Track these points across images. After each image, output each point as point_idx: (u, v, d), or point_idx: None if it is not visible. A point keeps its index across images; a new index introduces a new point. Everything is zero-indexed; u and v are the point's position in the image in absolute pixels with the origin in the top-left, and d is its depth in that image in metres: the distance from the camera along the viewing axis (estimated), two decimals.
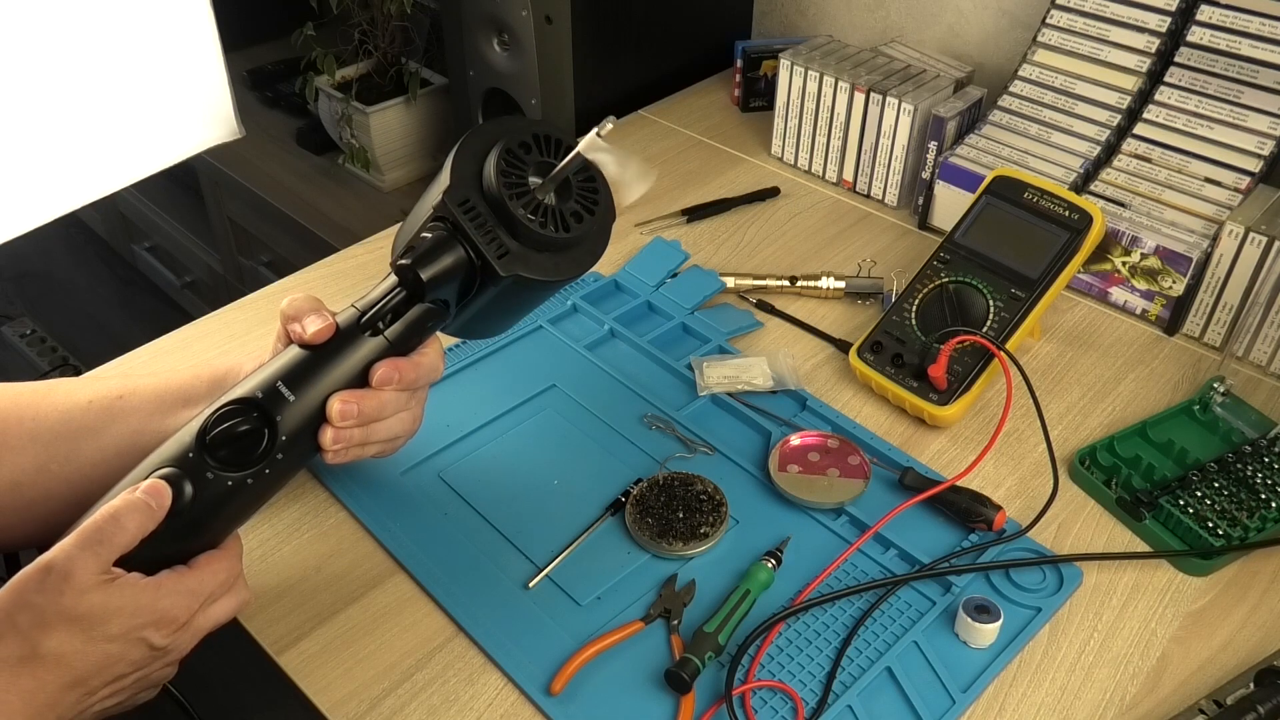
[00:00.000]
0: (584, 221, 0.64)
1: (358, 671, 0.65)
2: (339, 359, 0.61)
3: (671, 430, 0.81)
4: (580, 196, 0.64)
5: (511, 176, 0.62)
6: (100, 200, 1.01)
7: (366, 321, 0.62)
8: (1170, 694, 0.65)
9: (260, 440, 0.59)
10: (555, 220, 0.63)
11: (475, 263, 0.62)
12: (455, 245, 0.61)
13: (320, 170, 1.53)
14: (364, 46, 1.42)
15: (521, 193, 0.62)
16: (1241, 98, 0.94)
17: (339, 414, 0.60)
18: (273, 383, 0.60)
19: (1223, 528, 0.73)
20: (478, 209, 0.62)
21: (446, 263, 0.61)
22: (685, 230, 1.05)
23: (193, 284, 1.94)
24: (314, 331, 0.60)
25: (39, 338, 1.85)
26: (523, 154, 0.63)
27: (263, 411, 0.59)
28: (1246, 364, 0.90)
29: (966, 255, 0.87)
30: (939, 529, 0.75)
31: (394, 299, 0.62)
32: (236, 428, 0.58)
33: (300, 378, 0.60)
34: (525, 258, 0.62)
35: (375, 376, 0.61)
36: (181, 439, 0.59)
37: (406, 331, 0.63)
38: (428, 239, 0.61)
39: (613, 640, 0.66)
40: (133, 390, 0.68)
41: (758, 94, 1.26)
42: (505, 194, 0.61)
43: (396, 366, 0.62)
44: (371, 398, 0.62)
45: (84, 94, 0.92)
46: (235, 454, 0.58)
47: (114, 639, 0.53)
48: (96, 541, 0.53)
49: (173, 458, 0.58)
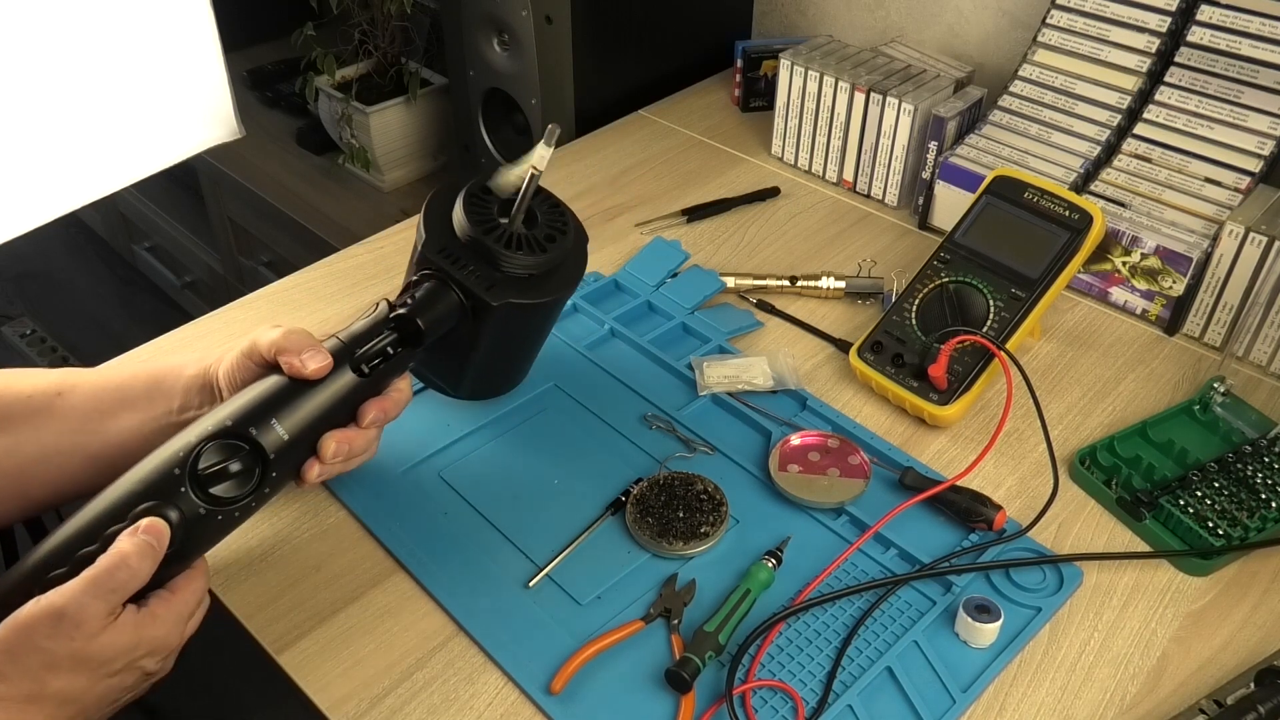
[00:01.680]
0: (557, 242, 0.67)
1: (357, 671, 0.65)
2: (327, 396, 0.62)
3: (672, 430, 0.81)
4: (548, 221, 0.68)
5: (479, 215, 0.66)
6: (100, 200, 1.01)
7: (355, 360, 0.63)
8: (1170, 694, 0.65)
9: (251, 477, 0.59)
10: (531, 246, 0.66)
11: (466, 304, 0.65)
12: (447, 290, 0.65)
13: (320, 170, 1.53)
14: (364, 46, 1.42)
15: (492, 228, 0.66)
16: (1241, 98, 0.94)
17: (333, 453, 0.62)
18: (267, 419, 0.60)
19: (1223, 528, 0.73)
20: (457, 253, 0.66)
21: (440, 308, 0.65)
22: (685, 230, 1.06)
23: (193, 284, 1.94)
24: (314, 369, 0.61)
25: (39, 338, 1.85)
26: (484, 195, 0.68)
27: (255, 447, 0.59)
28: (1246, 364, 0.90)
29: (967, 255, 0.87)
30: (939, 529, 0.75)
31: (384, 341, 0.64)
32: (230, 466, 0.59)
33: (298, 419, 0.61)
34: (511, 286, 0.65)
35: (366, 418, 0.64)
36: (168, 467, 0.58)
37: (389, 371, 0.65)
38: (421, 288, 0.65)
39: (613, 640, 0.66)
40: (71, 387, 0.68)
41: (758, 94, 1.26)
42: (478, 232, 0.65)
43: (383, 408, 0.65)
44: (360, 437, 0.64)
45: (84, 94, 0.92)
46: (226, 490, 0.59)
47: (115, 674, 0.55)
48: (109, 589, 0.54)
49: (158, 487, 0.58)
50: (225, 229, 1.68)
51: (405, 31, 1.42)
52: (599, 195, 1.11)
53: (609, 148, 1.19)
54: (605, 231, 1.05)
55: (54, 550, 0.57)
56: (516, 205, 0.67)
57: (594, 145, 1.20)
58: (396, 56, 1.43)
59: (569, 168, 1.15)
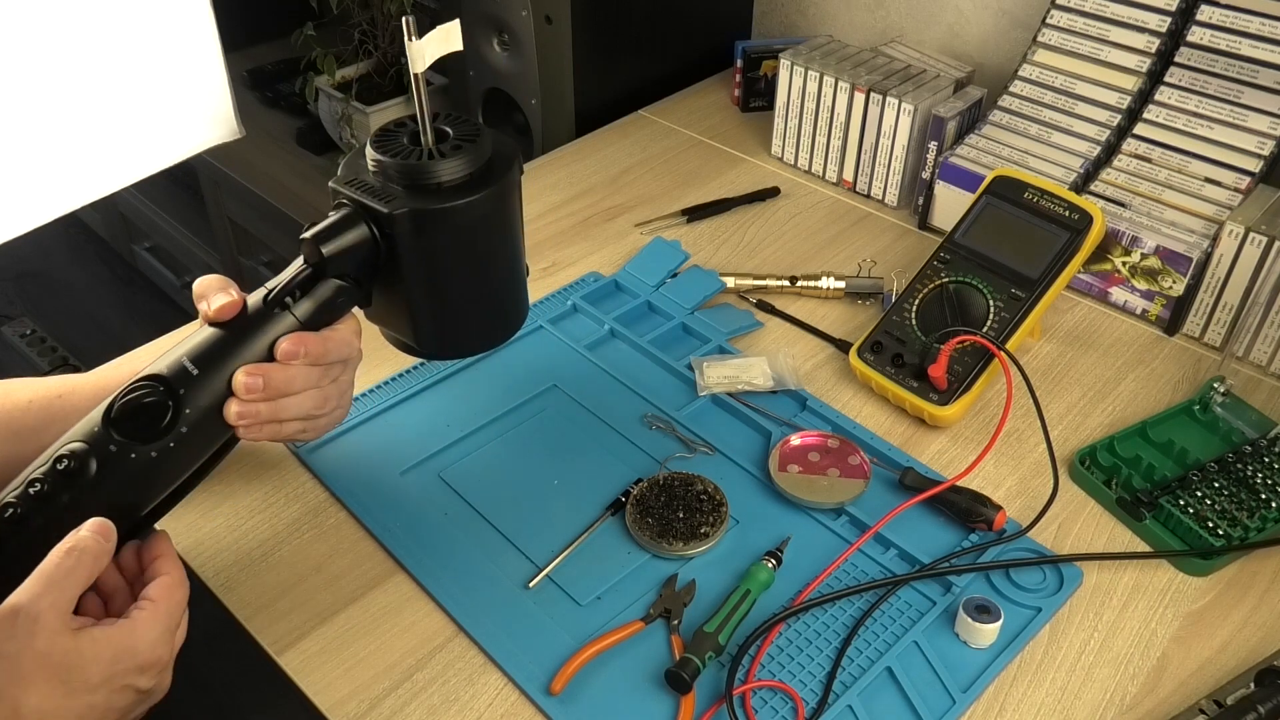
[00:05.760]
0: (464, 149, 0.64)
1: (358, 671, 0.65)
2: (247, 336, 0.62)
3: (671, 430, 0.81)
4: (459, 132, 0.65)
5: (384, 143, 0.64)
6: (100, 200, 1.01)
7: (274, 299, 0.62)
8: (1170, 694, 0.65)
9: (164, 413, 0.59)
10: (434, 156, 0.63)
11: (373, 229, 0.63)
12: (354, 216, 0.63)
13: (320, 170, 1.53)
14: (364, 46, 1.42)
15: (393, 147, 0.64)
16: (1241, 98, 0.94)
17: (244, 387, 0.60)
18: (179, 359, 0.60)
19: (1223, 528, 0.73)
20: (365, 180, 0.64)
21: (347, 234, 0.63)
22: (685, 230, 1.05)
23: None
24: (219, 307, 0.61)
25: (39, 338, 1.85)
26: (395, 130, 0.65)
27: (167, 386, 0.59)
28: (1246, 364, 0.90)
29: (966, 255, 0.87)
30: (939, 529, 0.75)
31: (300, 275, 0.63)
32: (139, 399, 0.58)
33: (206, 354, 0.61)
34: (415, 197, 0.63)
35: (280, 349, 0.62)
36: (92, 417, 0.59)
37: (317, 309, 0.63)
38: (329, 217, 0.63)
39: (613, 640, 0.66)
40: (71, 389, 0.68)
41: (758, 94, 1.26)
42: (380, 154, 0.63)
43: (302, 340, 0.62)
44: (278, 371, 0.62)
45: (84, 94, 0.92)
46: (139, 428, 0.58)
47: (95, 689, 0.52)
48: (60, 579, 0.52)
49: (80, 433, 0.58)
50: (225, 229, 1.68)
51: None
52: (599, 195, 1.11)
53: (609, 148, 1.19)
54: (605, 231, 1.05)
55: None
56: (418, 120, 0.64)
57: (594, 145, 1.20)
58: (396, 56, 1.43)
59: (569, 168, 1.15)
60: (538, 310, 0.92)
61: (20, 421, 0.66)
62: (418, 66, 0.62)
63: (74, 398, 0.67)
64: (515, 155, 0.67)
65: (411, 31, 0.60)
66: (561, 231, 1.04)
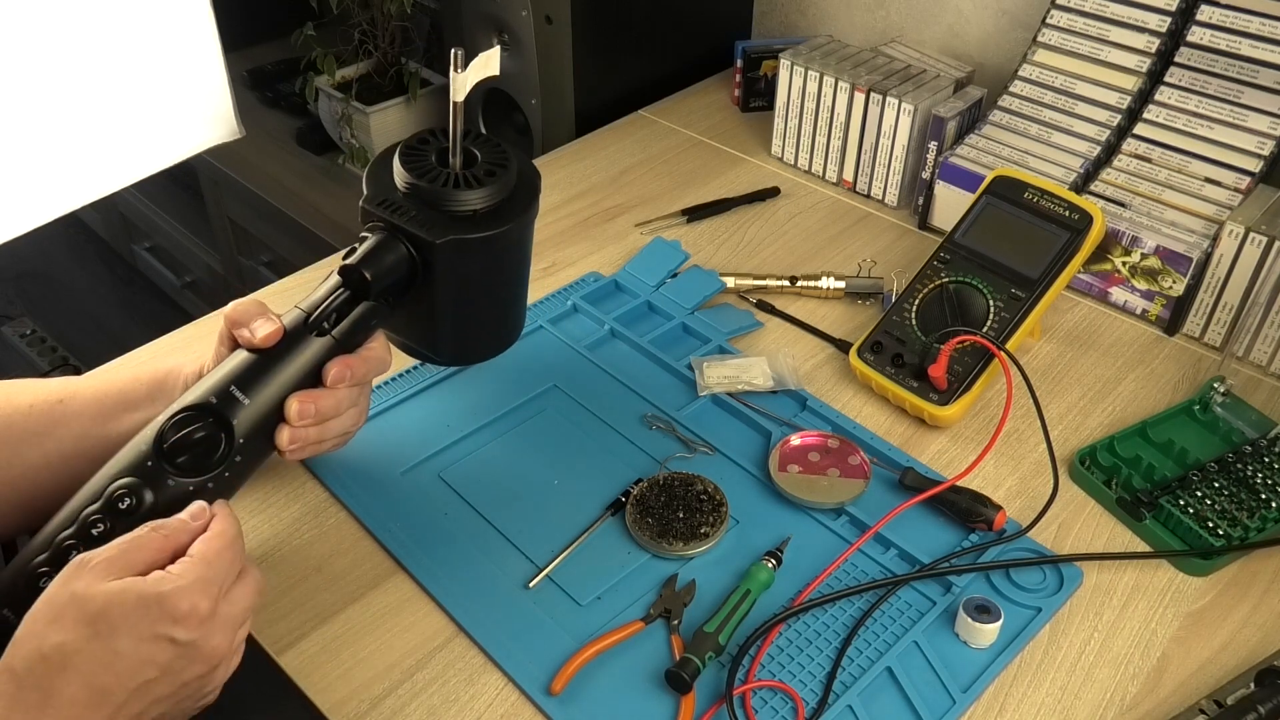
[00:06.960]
0: (497, 176, 0.65)
1: (358, 671, 0.65)
2: (289, 360, 0.63)
3: (671, 430, 0.81)
4: (489, 159, 0.66)
5: (415, 164, 0.65)
6: (100, 200, 1.01)
7: (313, 322, 0.63)
8: (1170, 694, 0.65)
9: (218, 445, 0.60)
10: (469, 183, 0.65)
11: (410, 250, 0.64)
12: (392, 241, 0.64)
13: (320, 170, 1.53)
14: (364, 46, 1.42)
15: (427, 170, 0.65)
16: (1241, 98, 0.94)
17: (297, 414, 0.62)
18: (226, 387, 0.61)
19: (1223, 528, 0.73)
20: (397, 202, 0.65)
21: (386, 257, 0.64)
22: (685, 230, 1.05)
23: (193, 284, 1.94)
24: (263, 336, 0.62)
25: (39, 338, 1.85)
26: (421, 147, 0.66)
27: (218, 416, 0.60)
28: (1246, 364, 0.90)
29: (966, 255, 0.87)
30: (939, 529, 0.75)
31: (338, 299, 0.64)
32: (193, 434, 0.59)
33: (253, 380, 0.61)
34: (454, 225, 0.64)
35: (330, 375, 0.63)
36: (138, 447, 0.59)
37: (352, 329, 0.64)
38: (366, 240, 0.64)
39: (613, 640, 0.66)
40: (72, 394, 0.68)
41: (758, 94, 1.26)
42: (413, 176, 0.64)
43: (348, 365, 0.64)
44: (327, 396, 0.63)
45: (84, 94, 0.92)
46: (193, 460, 0.59)
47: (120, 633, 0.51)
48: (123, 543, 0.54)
49: (131, 466, 0.58)
50: (225, 229, 1.68)
51: (405, 31, 1.41)
52: (599, 195, 1.11)
53: (609, 148, 1.19)
54: (605, 231, 1.05)
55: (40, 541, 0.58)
56: (451, 143, 0.65)
57: (594, 145, 1.20)
58: (396, 56, 1.43)
59: (569, 168, 1.15)
60: (538, 310, 0.92)
61: (21, 426, 0.66)
62: (459, 96, 0.63)
63: (75, 402, 0.67)
64: (537, 177, 0.69)
65: (459, 63, 0.62)
66: (561, 231, 1.04)
